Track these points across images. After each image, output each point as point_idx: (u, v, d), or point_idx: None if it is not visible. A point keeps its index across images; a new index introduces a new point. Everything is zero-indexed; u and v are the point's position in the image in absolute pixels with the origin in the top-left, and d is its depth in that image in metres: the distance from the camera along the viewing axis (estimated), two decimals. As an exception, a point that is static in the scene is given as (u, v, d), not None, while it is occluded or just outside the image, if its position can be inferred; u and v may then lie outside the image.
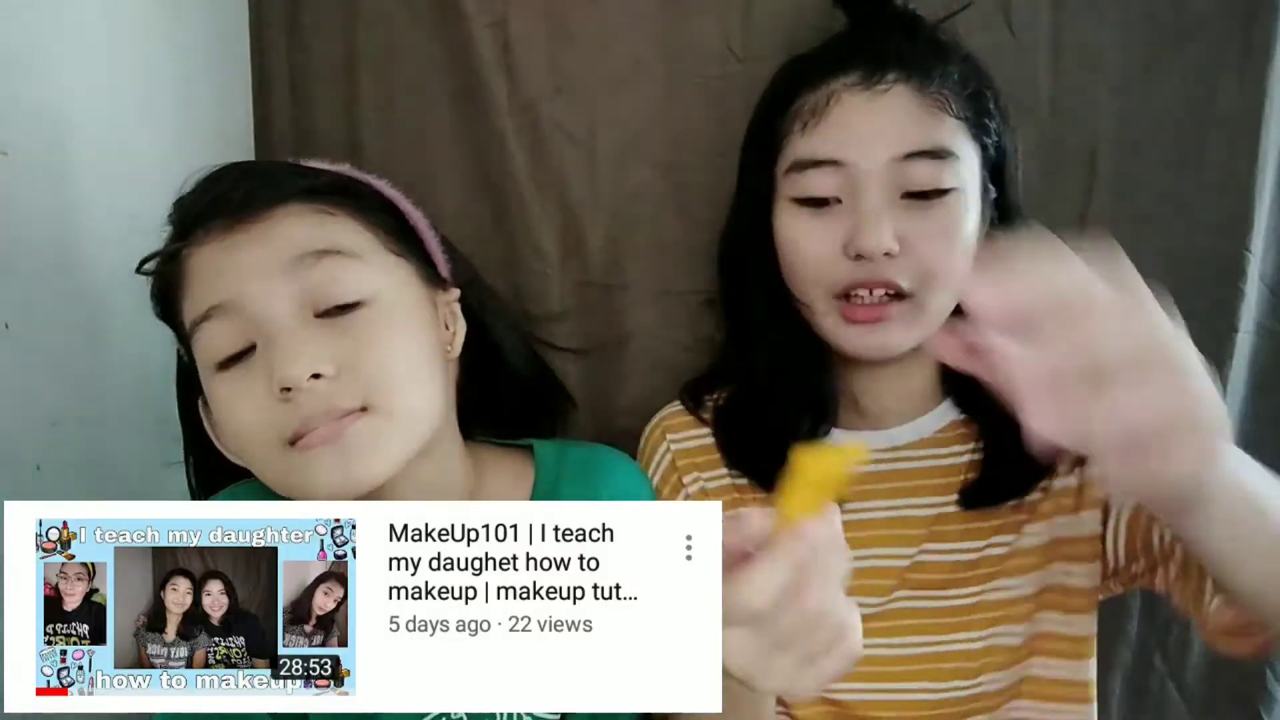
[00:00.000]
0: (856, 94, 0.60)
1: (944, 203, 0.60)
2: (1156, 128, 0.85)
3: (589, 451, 0.69)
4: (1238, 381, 0.88)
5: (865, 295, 0.61)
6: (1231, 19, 0.82)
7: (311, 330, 0.52)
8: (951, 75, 0.62)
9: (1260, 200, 0.85)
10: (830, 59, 0.63)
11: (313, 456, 0.51)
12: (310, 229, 0.54)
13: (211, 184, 0.56)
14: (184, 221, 0.55)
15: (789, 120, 0.64)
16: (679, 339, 0.92)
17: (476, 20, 0.87)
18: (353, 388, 0.52)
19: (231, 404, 0.52)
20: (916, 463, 0.69)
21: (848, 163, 0.60)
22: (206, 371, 0.54)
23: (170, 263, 0.54)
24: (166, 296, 0.56)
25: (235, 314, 0.52)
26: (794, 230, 0.64)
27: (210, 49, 0.83)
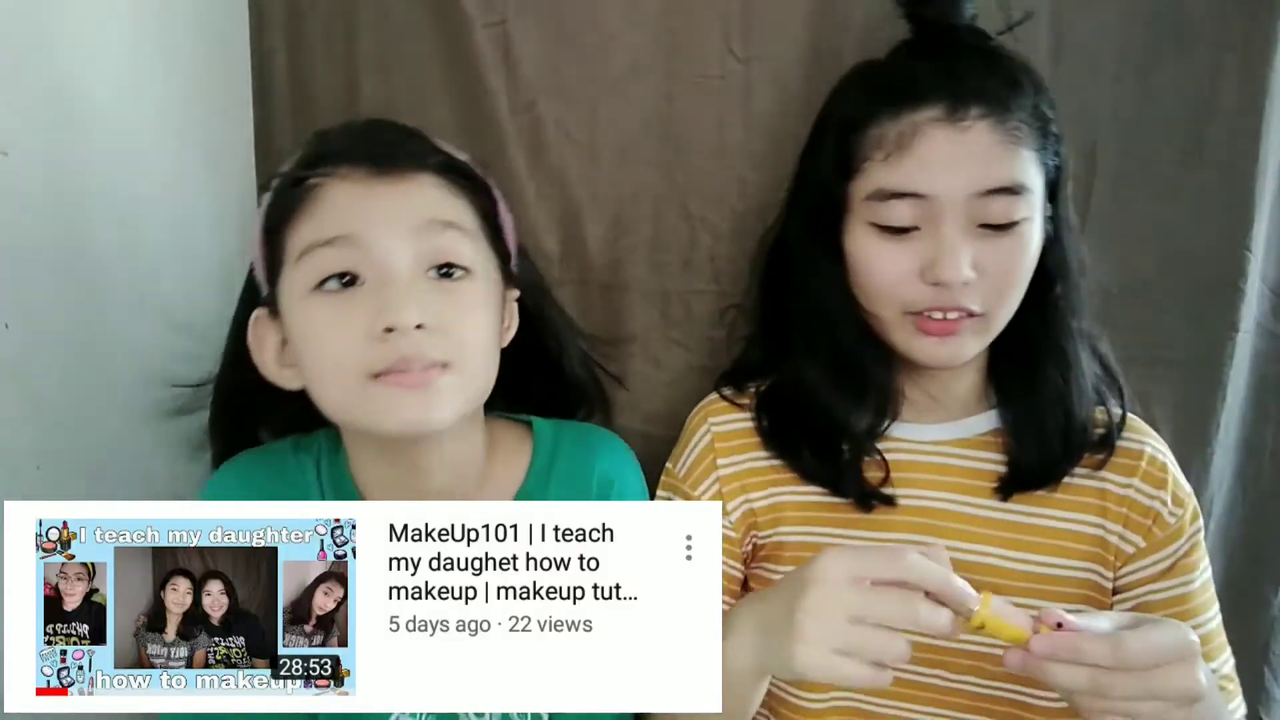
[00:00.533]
0: (940, 128, 0.62)
1: (1016, 232, 0.63)
2: (1156, 127, 0.85)
3: (583, 428, 0.74)
4: (1238, 381, 0.88)
5: (939, 315, 0.64)
6: (1232, 18, 0.83)
7: (422, 285, 0.57)
8: (1026, 107, 0.63)
9: (1261, 200, 0.85)
10: (911, 85, 0.63)
11: (395, 394, 0.55)
12: (441, 200, 0.59)
13: (364, 130, 0.61)
14: (325, 155, 0.59)
15: (868, 144, 0.64)
16: (679, 339, 0.92)
17: (476, 20, 0.87)
18: (444, 344, 0.57)
19: (326, 327, 0.56)
20: (954, 460, 0.71)
21: (930, 195, 0.62)
22: (299, 293, 0.57)
23: (298, 187, 0.58)
24: (281, 216, 0.59)
25: (357, 249, 0.56)
26: (870, 252, 0.65)
27: (210, 49, 0.83)
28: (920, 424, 0.72)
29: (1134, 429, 0.71)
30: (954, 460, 0.71)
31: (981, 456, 0.70)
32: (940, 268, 0.62)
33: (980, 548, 0.68)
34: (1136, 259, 0.87)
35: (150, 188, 0.74)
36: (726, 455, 0.73)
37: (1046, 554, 0.68)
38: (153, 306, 0.74)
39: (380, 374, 0.56)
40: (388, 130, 0.62)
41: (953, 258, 0.61)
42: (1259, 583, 0.91)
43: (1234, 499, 0.91)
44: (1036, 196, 0.63)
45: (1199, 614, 0.68)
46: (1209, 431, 0.88)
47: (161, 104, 0.75)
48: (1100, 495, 0.69)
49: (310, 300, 0.57)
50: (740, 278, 0.89)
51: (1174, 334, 0.87)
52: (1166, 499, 0.68)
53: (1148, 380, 0.87)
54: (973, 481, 0.70)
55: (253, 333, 0.63)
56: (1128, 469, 0.69)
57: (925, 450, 0.71)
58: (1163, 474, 0.69)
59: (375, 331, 0.55)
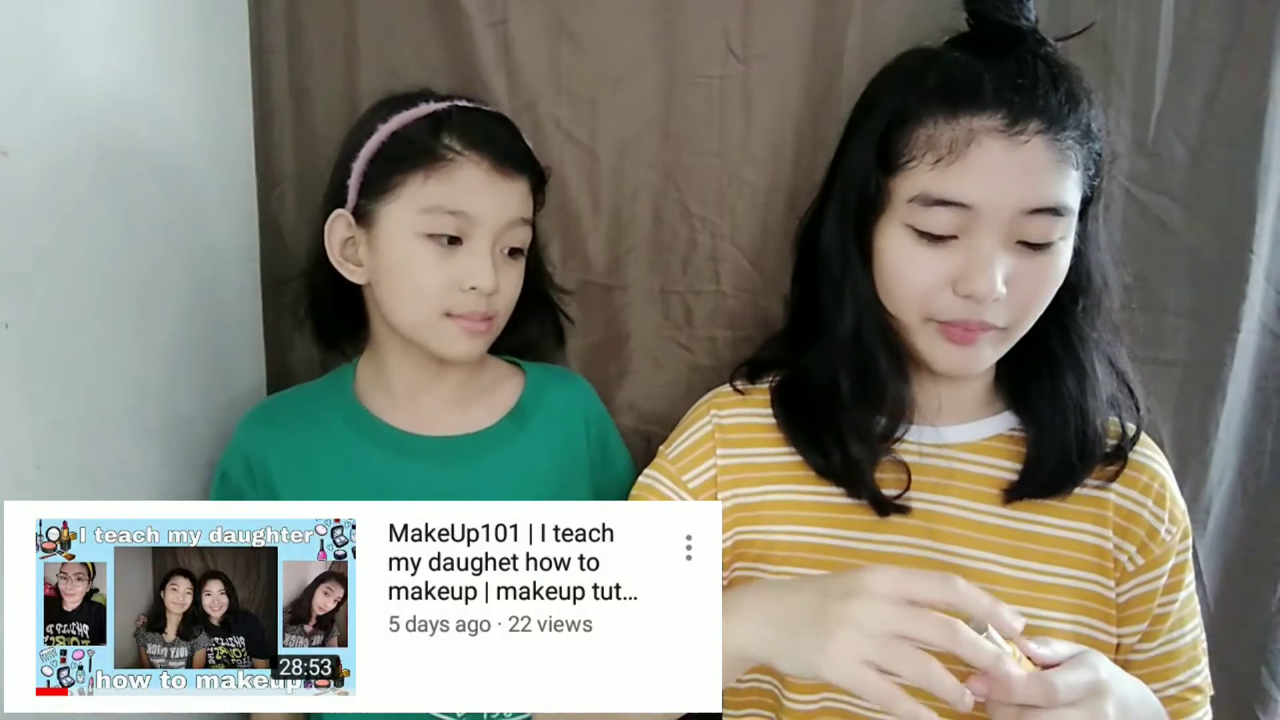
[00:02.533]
0: (997, 139, 0.59)
1: (1051, 251, 0.62)
2: (1166, 126, 0.85)
3: (561, 371, 0.87)
4: (1239, 381, 0.88)
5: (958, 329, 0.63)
6: (1234, 18, 0.82)
7: (499, 263, 0.74)
8: (1080, 125, 0.61)
9: (1264, 201, 0.85)
10: (973, 88, 0.61)
11: (459, 332, 0.73)
12: (525, 200, 0.76)
13: (493, 126, 0.75)
14: (461, 137, 0.72)
15: (917, 143, 0.62)
16: (679, 339, 0.92)
17: (476, 20, 0.87)
18: (497, 303, 0.74)
19: (425, 267, 0.72)
20: (959, 464, 0.69)
21: (976, 207, 0.60)
22: (408, 232, 0.72)
23: (430, 153, 0.71)
24: (403, 165, 0.71)
25: (469, 224, 0.72)
26: (903, 255, 0.64)
27: (210, 49, 0.83)
28: (926, 426, 0.70)
29: (1145, 444, 0.70)
30: (959, 465, 0.70)
31: (986, 462, 0.70)
32: (974, 281, 0.60)
33: (980, 554, 0.67)
34: (1146, 260, 0.87)
35: (150, 187, 0.73)
36: (727, 446, 0.72)
37: (1047, 562, 0.67)
38: (152, 305, 0.74)
39: (451, 315, 0.73)
40: (506, 129, 0.76)
41: (988, 273, 0.60)
42: (1258, 582, 0.91)
43: (1234, 498, 0.91)
44: (1073, 218, 0.62)
45: (1178, 628, 0.68)
46: (1209, 431, 0.88)
47: (161, 104, 0.75)
48: (1101, 505, 0.68)
49: (418, 242, 0.72)
50: (741, 277, 0.89)
51: (1175, 334, 0.87)
52: (1165, 517, 0.67)
53: (1150, 380, 0.87)
54: (976, 487, 0.69)
55: (330, 227, 0.75)
56: (1136, 484, 0.68)
57: (930, 453, 0.70)
58: (1164, 491, 0.68)
59: (463, 285, 0.72)
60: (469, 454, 0.78)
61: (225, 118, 0.86)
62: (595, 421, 0.83)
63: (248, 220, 0.90)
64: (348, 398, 0.80)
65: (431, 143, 0.71)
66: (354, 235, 0.74)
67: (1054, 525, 0.68)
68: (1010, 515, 0.68)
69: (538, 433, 0.80)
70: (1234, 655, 0.91)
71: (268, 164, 0.91)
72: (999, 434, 0.70)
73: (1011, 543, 0.67)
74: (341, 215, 0.74)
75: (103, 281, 0.67)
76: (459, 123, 0.73)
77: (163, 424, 0.76)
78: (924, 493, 0.69)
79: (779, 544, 0.70)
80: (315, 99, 0.90)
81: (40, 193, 0.61)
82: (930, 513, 0.69)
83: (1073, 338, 0.67)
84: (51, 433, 0.62)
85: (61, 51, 0.63)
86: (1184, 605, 0.68)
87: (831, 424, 0.69)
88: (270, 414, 0.81)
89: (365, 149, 0.73)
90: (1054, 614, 0.66)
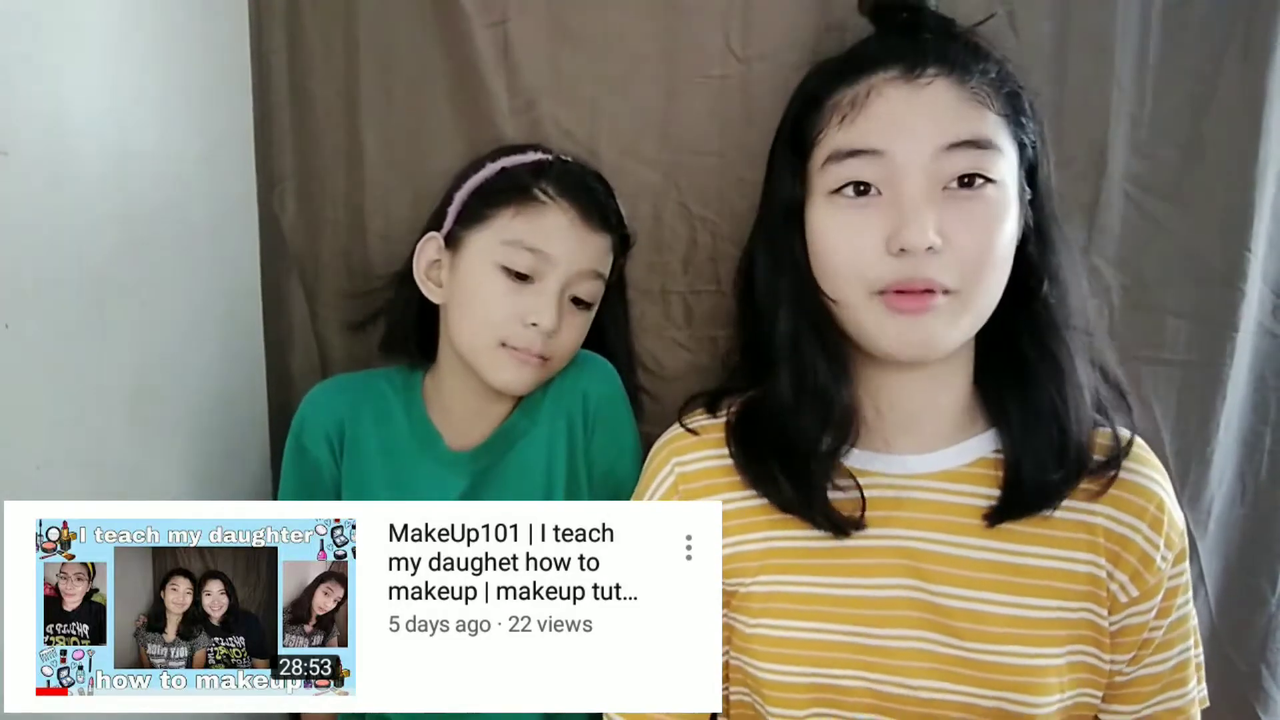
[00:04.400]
0: (898, 86, 0.60)
1: (985, 195, 0.59)
2: (1164, 126, 0.85)
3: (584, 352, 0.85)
4: (1238, 381, 0.88)
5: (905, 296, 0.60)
6: (1233, 18, 0.82)
7: (565, 309, 0.77)
8: (990, 73, 0.61)
9: (1261, 200, 0.85)
10: (866, 56, 0.62)
11: (509, 360, 0.76)
12: (602, 257, 0.79)
13: (584, 180, 0.78)
14: (554, 183, 0.76)
15: (824, 115, 0.62)
16: (679, 339, 0.92)
17: (476, 20, 0.87)
18: (552, 346, 0.77)
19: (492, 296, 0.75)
20: (938, 495, 0.65)
21: (889, 152, 0.59)
22: (487, 263, 0.75)
23: (525, 192, 0.76)
24: (497, 200, 0.76)
25: (543, 262, 0.75)
26: (832, 224, 0.61)
27: (210, 49, 0.83)
28: (900, 455, 0.66)
29: (1140, 460, 0.65)
30: (937, 495, 0.65)
31: (967, 490, 0.65)
32: (905, 234, 0.57)
33: (970, 592, 0.63)
34: (1138, 259, 0.87)
35: (150, 187, 0.73)
36: (691, 498, 0.68)
37: (1040, 596, 0.63)
38: (152, 305, 0.74)
39: (506, 345, 0.75)
40: (600, 187, 0.80)
41: (916, 221, 0.57)
42: (1258, 582, 0.91)
43: (1233, 498, 0.91)
44: (1008, 164, 0.60)
45: (1163, 651, 0.64)
46: (1209, 431, 0.88)
47: (162, 104, 0.75)
48: (1091, 530, 0.63)
49: (493, 272, 0.75)
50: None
51: (1175, 334, 0.87)
52: (1160, 543, 0.63)
53: (1148, 380, 0.87)
54: (960, 519, 0.64)
55: (421, 247, 0.80)
56: (1130, 506, 0.63)
57: (905, 485, 0.65)
58: (1160, 513, 0.63)
59: (524, 320, 0.75)
60: (490, 456, 0.80)
61: (225, 118, 0.86)
62: (596, 400, 0.82)
63: (248, 220, 0.90)
64: (416, 402, 0.83)
65: (529, 183, 0.76)
66: (441, 259, 0.79)
67: (1045, 556, 0.63)
68: (1000, 548, 0.64)
69: (545, 420, 0.81)
70: (1235, 655, 0.91)
71: (268, 164, 0.91)
72: (981, 458, 0.66)
73: (1003, 578, 0.63)
74: (434, 238, 0.80)
75: (103, 281, 0.67)
76: (558, 172, 0.78)
77: (163, 424, 0.76)
78: (902, 528, 0.64)
79: (756, 595, 0.65)
80: (315, 99, 0.90)
81: (40, 193, 0.60)
82: (914, 550, 0.64)
83: (1045, 337, 0.63)
84: (51, 433, 0.62)
85: (61, 52, 0.63)
86: (1171, 629, 0.64)
87: (783, 450, 0.65)
88: (347, 392, 0.83)
89: (471, 181, 0.79)
90: (1049, 649, 0.62)
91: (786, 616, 0.64)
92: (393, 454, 0.80)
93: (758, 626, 0.65)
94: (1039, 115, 0.64)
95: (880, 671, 0.63)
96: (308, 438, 0.80)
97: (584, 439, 0.80)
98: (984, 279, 0.59)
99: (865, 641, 0.63)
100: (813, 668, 0.63)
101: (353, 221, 0.92)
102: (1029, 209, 0.63)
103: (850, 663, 0.63)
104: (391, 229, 0.91)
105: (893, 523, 0.64)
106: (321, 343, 0.94)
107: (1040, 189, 0.64)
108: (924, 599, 0.63)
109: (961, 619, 0.62)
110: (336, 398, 0.82)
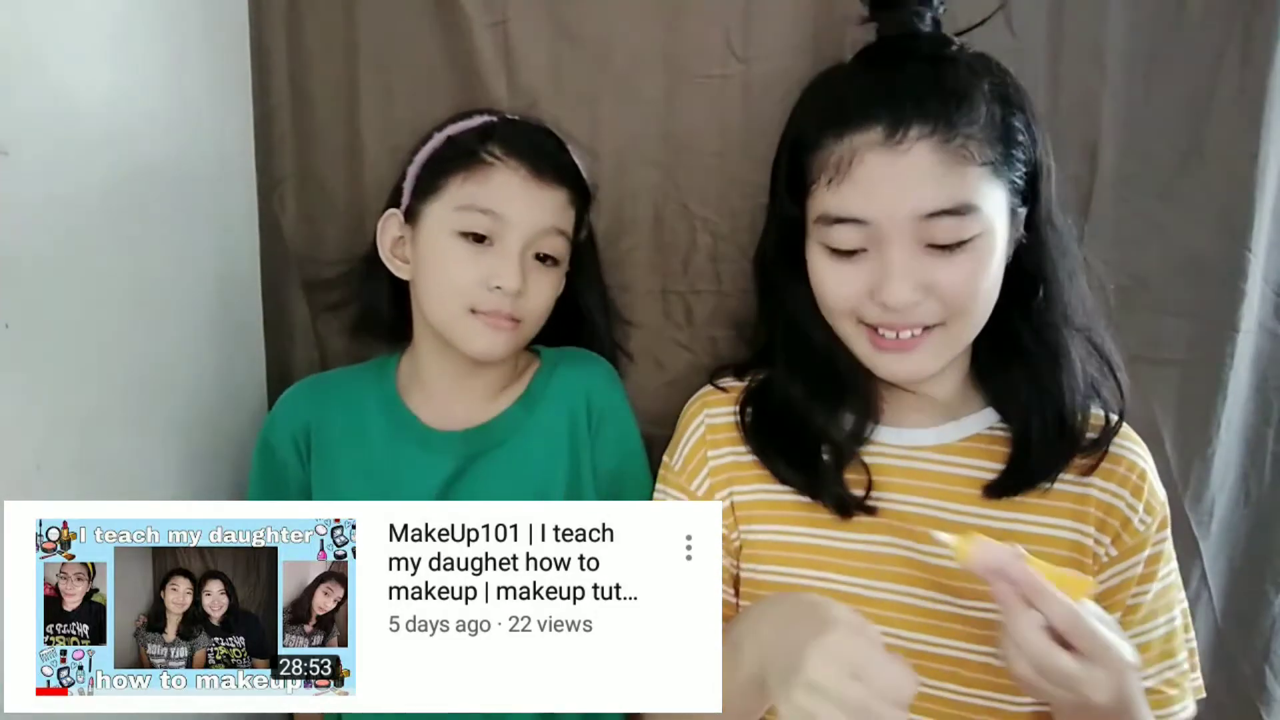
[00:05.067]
0: (879, 153, 0.60)
1: (968, 250, 0.61)
2: (1158, 126, 0.85)
3: (580, 353, 0.86)
4: (1238, 381, 0.88)
5: (892, 334, 0.64)
6: (1232, 17, 0.82)
7: (529, 269, 0.76)
8: (977, 120, 0.60)
9: (1262, 200, 0.84)
10: (851, 105, 0.62)
11: (482, 329, 0.75)
12: (562, 212, 0.78)
13: (533, 135, 0.78)
14: (501, 143, 0.75)
15: (816, 165, 0.64)
16: (679, 339, 0.92)
17: (476, 20, 0.87)
18: (523, 307, 0.76)
19: (455, 264, 0.75)
20: (933, 465, 0.70)
21: (873, 221, 0.61)
22: (444, 229, 0.75)
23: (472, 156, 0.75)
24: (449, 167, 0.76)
25: (499, 224, 0.74)
26: (823, 271, 0.65)
27: (210, 49, 0.83)
28: (901, 428, 0.71)
29: (1125, 435, 0.70)
30: (932, 465, 0.70)
31: (962, 462, 0.69)
32: (885, 292, 0.61)
33: None
34: (1137, 259, 0.86)
35: (150, 187, 0.73)
36: (716, 447, 0.74)
37: None
38: (152, 305, 0.74)
39: (477, 311, 0.75)
40: (551, 142, 0.79)
41: (896, 282, 0.61)
42: (1260, 583, 0.91)
43: (1235, 499, 0.91)
44: (992, 208, 0.61)
45: (1150, 620, 0.67)
46: (1210, 432, 0.88)
47: (162, 103, 0.75)
48: (1080, 500, 0.68)
49: (452, 239, 0.75)
50: (742, 277, 0.89)
51: (1175, 334, 0.87)
52: (1140, 508, 0.67)
53: (1148, 380, 0.87)
54: (951, 487, 0.69)
55: (383, 225, 0.80)
56: (1113, 475, 0.68)
57: (904, 455, 0.70)
58: (1141, 481, 0.68)
59: (488, 284, 0.74)
60: (483, 443, 0.80)
61: (225, 118, 0.86)
62: (600, 401, 0.82)
63: (248, 220, 0.90)
64: (389, 388, 0.82)
65: (475, 147, 0.75)
66: (404, 234, 0.79)
67: (1034, 522, 0.68)
68: (986, 514, 0.68)
69: (545, 415, 0.81)
70: (1238, 655, 0.91)
71: (268, 164, 0.91)
72: (977, 433, 0.70)
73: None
74: (394, 214, 0.79)
75: (103, 281, 0.67)
76: (504, 132, 0.77)
77: (163, 423, 0.76)
78: (897, 493, 0.69)
79: (761, 543, 0.71)
80: (315, 99, 0.90)
81: (40, 193, 0.61)
82: (904, 513, 0.69)
83: (1041, 326, 0.67)
84: (51, 433, 0.62)
85: (62, 51, 0.63)
86: (1158, 597, 0.67)
87: (794, 431, 0.70)
88: (318, 390, 0.84)
89: (421, 153, 0.79)
90: None
91: (786, 564, 0.70)
92: (365, 442, 0.80)
93: (762, 573, 0.71)
94: (1036, 123, 0.65)
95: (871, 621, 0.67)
96: (275, 437, 0.80)
97: (588, 437, 0.80)
98: (971, 313, 0.64)
99: (857, 592, 0.68)
100: None
101: (353, 221, 0.92)
102: (1026, 221, 0.65)
103: None
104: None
105: (888, 488, 0.69)
106: (321, 343, 0.94)
107: (1041, 197, 0.65)
108: (916, 558, 0.68)
109: (956, 577, 0.67)
110: (304, 398, 0.82)
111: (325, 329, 0.94)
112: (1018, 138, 0.63)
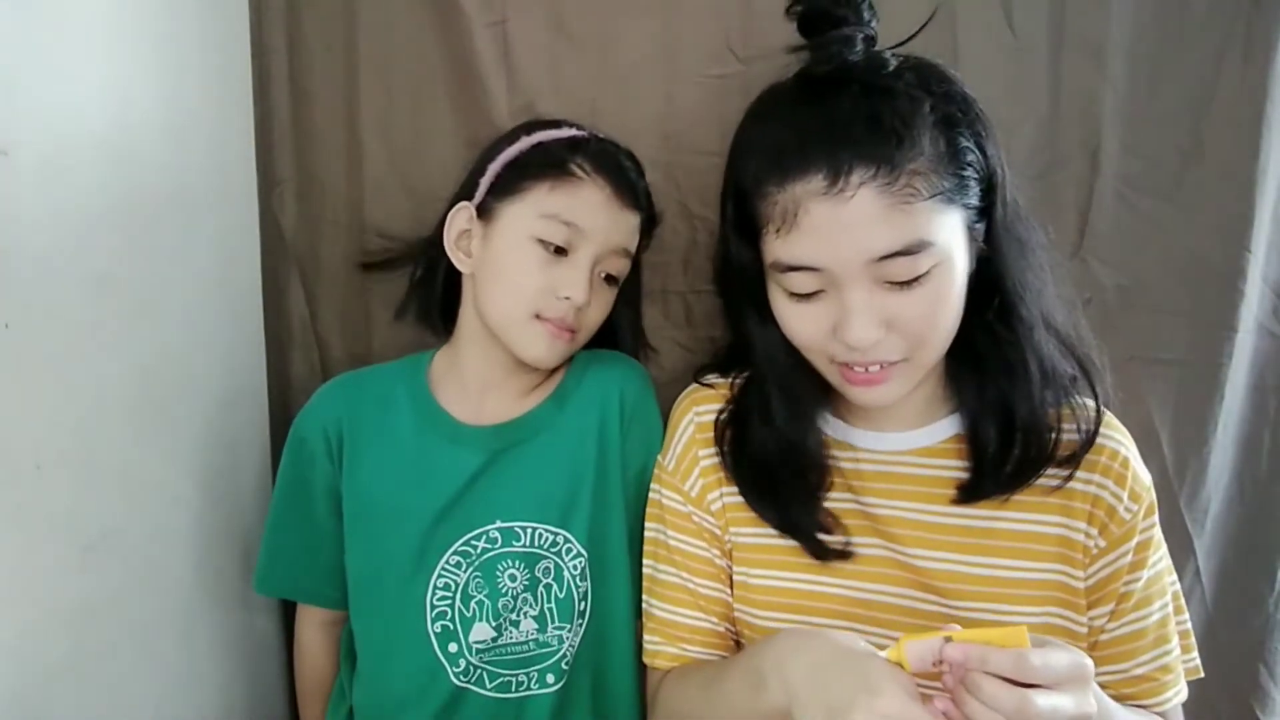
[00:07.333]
0: (822, 203, 0.58)
1: (926, 282, 0.60)
2: (1159, 127, 0.85)
3: (612, 355, 0.87)
4: (1236, 381, 0.88)
5: (861, 369, 0.64)
6: (1234, 18, 0.82)
7: (595, 284, 0.78)
8: (921, 153, 0.58)
9: (1262, 200, 0.85)
10: (792, 152, 0.60)
11: (542, 336, 0.77)
12: (632, 235, 0.80)
13: (619, 158, 0.79)
14: (591, 159, 0.77)
15: (760, 215, 0.63)
16: (679, 339, 0.92)
17: (476, 20, 0.87)
18: (580, 319, 0.78)
19: (529, 268, 0.76)
20: (912, 469, 0.70)
21: (825, 268, 0.60)
22: (523, 232, 0.76)
23: (560, 166, 0.76)
24: (534, 171, 0.77)
25: (580, 239, 0.76)
26: (785, 312, 0.65)
27: (210, 49, 0.83)
28: (882, 433, 0.71)
29: (1107, 425, 0.69)
30: (912, 469, 0.70)
31: (940, 464, 0.69)
32: (845, 332, 0.61)
33: (939, 554, 0.68)
34: (1138, 259, 0.87)
35: (150, 187, 0.73)
36: (705, 446, 0.74)
37: (1008, 557, 0.67)
38: (152, 306, 0.74)
39: (540, 317, 0.76)
40: (633, 165, 0.81)
41: (855, 321, 0.60)
42: (1256, 581, 0.91)
43: (1231, 498, 0.91)
44: (947, 234, 0.60)
45: (1144, 607, 0.67)
46: (1206, 431, 0.88)
47: (162, 104, 0.75)
48: (1066, 495, 0.67)
49: (529, 244, 0.76)
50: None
51: (1174, 334, 0.87)
52: (1124, 495, 0.66)
53: (1146, 379, 0.88)
54: (930, 489, 0.69)
55: (452, 216, 0.80)
56: (1095, 466, 0.67)
57: (884, 460, 0.70)
58: (1124, 470, 0.67)
59: (558, 293, 0.76)
60: (513, 438, 0.80)
61: (225, 118, 0.86)
62: (632, 401, 0.83)
63: (248, 220, 0.90)
64: (420, 384, 0.83)
65: (565, 158, 0.77)
66: (471, 228, 0.80)
67: (1015, 520, 0.67)
68: (968, 514, 0.68)
69: (576, 412, 0.81)
70: (1232, 654, 0.91)
71: (268, 164, 0.91)
72: (957, 434, 0.70)
73: (972, 541, 0.67)
74: (465, 207, 0.80)
75: (102, 281, 0.67)
76: (594, 148, 0.79)
77: (163, 424, 0.76)
78: (877, 498, 0.70)
79: (751, 546, 0.72)
80: (315, 99, 0.90)
81: (40, 193, 0.60)
82: (885, 517, 0.69)
83: (999, 334, 0.66)
84: (51, 433, 0.62)
85: (62, 52, 0.63)
86: (1149, 584, 0.67)
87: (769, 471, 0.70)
88: (350, 387, 0.84)
89: (505, 154, 0.79)
90: (1022, 608, 0.66)
91: (774, 568, 0.71)
92: (394, 437, 0.80)
93: (751, 576, 0.72)
94: (988, 132, 0.62)
95: (861, 622, 0.69)
96: (307, 430, 0.81)
97: (619, 436, 0.81)
98: (933, 342, 0.63)
99: (845, 594, 0.69)
100: (799, 615, 0.70)
101: (353, 221, 0.92)
102: (985, 234, 0.63)
103: (833, 613, 0.69)
104: (391, 229, 0.91)
105: (868, 492, 0.70)
106: (321, 343, 0.94)
107: (997, 205, 0.63)
108: (898, 559, 0.69)
109: (941, 579, 0.67)
110: (338, 394, 0.83)
111: (325, 329, 0.94)
112: (967, 158, 0.60)
